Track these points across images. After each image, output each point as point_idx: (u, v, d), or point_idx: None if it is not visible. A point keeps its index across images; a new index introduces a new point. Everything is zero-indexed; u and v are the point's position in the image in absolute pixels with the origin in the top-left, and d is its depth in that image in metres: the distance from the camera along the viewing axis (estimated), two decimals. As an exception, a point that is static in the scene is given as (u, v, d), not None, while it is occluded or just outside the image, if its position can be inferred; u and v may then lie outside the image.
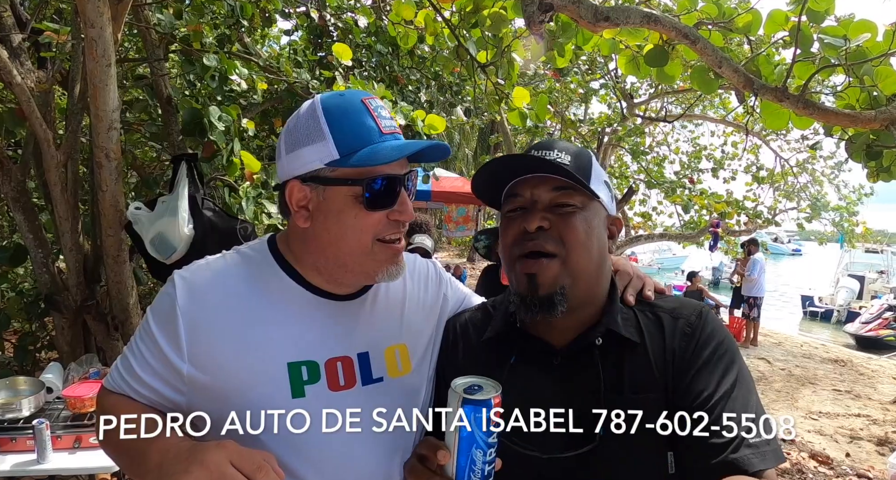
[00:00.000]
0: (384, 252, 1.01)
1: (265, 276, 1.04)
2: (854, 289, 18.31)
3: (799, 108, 1.83)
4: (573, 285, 0.97)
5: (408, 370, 1.10)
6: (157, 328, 0.98)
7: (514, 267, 1.01)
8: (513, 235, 1.01)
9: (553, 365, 1.00)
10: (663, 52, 1.92)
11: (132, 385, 1.00)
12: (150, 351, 0.99)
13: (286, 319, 1.01)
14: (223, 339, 0.97)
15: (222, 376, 0.97)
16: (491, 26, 2.10)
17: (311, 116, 0.98)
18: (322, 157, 0.96)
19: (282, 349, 0.99)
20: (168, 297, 0.99)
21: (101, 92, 2.80)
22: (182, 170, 3.10)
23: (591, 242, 0.99)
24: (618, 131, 9.54)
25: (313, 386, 0.99)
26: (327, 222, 0.99)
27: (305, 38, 5.04)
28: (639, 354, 0.97)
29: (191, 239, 3.01)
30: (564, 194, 0.99)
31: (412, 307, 1.16)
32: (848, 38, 1.74)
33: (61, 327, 3.80)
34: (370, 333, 1.08)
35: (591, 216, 1.00)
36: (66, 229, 3.51)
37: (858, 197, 11.74)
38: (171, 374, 0.97)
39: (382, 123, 0.98)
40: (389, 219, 1.00)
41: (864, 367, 9.33)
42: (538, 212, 0.98)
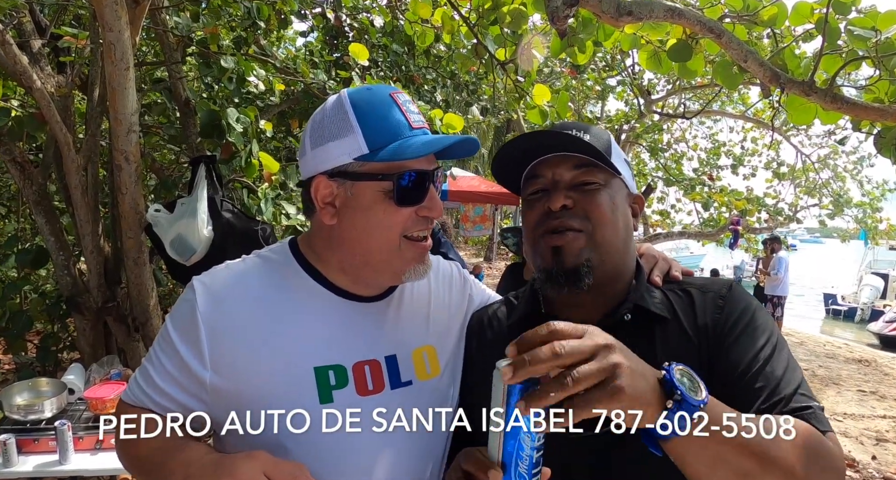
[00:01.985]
0: (412, 250, 0.99)
1: (287, 278, 1.02)
2: (878, 287, 17.97)
3: (827, 102, 1.78)
4: (600, 260, 0.95)
5: (437, 373, 1.07)
6: (178, 336, 0.96)
7: (538, 244, 0.99)
8: (536, 216, 0.99)
9: None
10: (687, 47, 1.88)
11: (153, 397, 0.97)
12: (171, 360, 0.96)
13: (311, 322, 0.99)
14: (246, 345, 0.95)
15: (246, 383, 0.94)
16: (511, 23, 2.07)
17: (339, 110, 0.96)
18: (351, 151, 0.94)
19: (308, 353, 0.97)
20: (188, 303, 0.97)
21: (120, 95, 2.83)
22: (201, 172, 3.12)
23: (616, 217, 0.97)
24: (635, 128, 9.45)
25: (341, 391, 0.97)
26: (355, 219, 0.97)
27: (321, 38, 5.06)
28: (670, 330, 0.95)
29: (210, 241, 3.02)
30: (586, 172, 0.98)
31: (438, 307, 1.14)
32: (878, 30, 1.69)
33: (83, 328, 3.84)
34: (397, 335, 1.06)
35: (614, 193, 0.99)
36: (87, 231, 3.55)
37: (882, 193, 11.51)
38: (193, 383, 0.95)
39: (412, 118, 0.97)
40: (418, 215, 0.98)
41: (888, 367, 9.14)
42: (561, 191, 0.97)
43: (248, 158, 2.93)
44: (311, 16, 4.43)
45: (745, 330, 0.91)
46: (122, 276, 3.98)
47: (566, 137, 0.96)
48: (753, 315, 0.94)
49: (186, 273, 3.24)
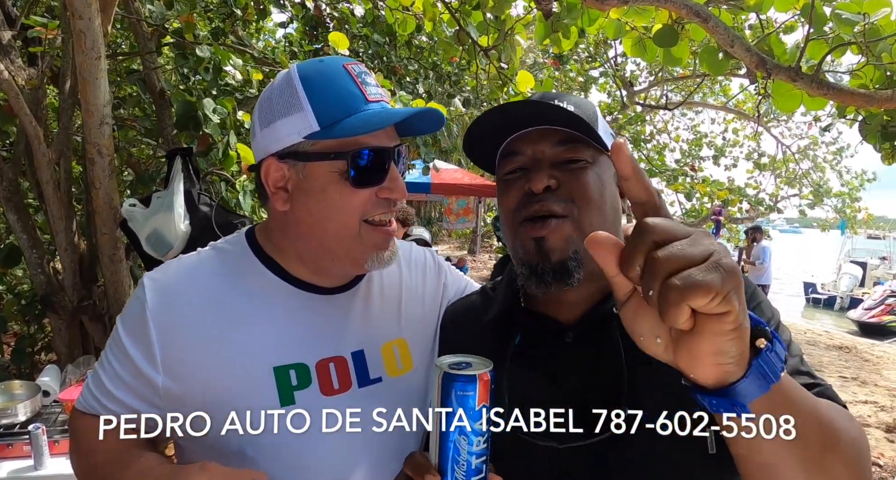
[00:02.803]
0: (373, 235, 0.91)
1: (243, 272, 0.95)
2: (857, 275, 18.29)
3: (813, 88, 1.76)
4: (587, 250, 0.85)
5: (409, 368, 1.01)
6: (127, 337, 0.89)
7: (517, 233, 0.88)
8: (515, 198, 0.87)
9: (565, 343, 0.88)
10: (673, 32, 1.85)
11: (105, 404, 0.90)
12: (122, 364, 0.89)
13: (270, 318, 0.92)
14: (200, 344, 0.88)
15: (201, 385, 0.87)
16: (494, 7, 2.03)
17: (288, 86, 0.89)
18: (301, 129, 0.87)
19: (266, 351, 0.90)
20: (137, 302, 0.90)
21: (91, 86, 2.73)
22: (177, 165, 3.04)
23: (604, 200, 0.86)
24: (618, 120, 9.46)
25: (304, 392, 0.90)
26: (309, 203, 0.89)
27: (301, 29, 4.97)
28: None
29: (187, 236, 2.95)
30: (571, 149, 0.86)
31: (410, 298, 1.07)
32: (867, 14, 1.67)
33: (59, 328, 3.75)
34: (365, 329, 0.99)
35: (602, 172, 0.87)
36: (61, 228, 3.45)
37: (861, 183, 11.68)
38: (145, 387, 0.88)
39: (367, 90, 0.89)
40: (379, 197, 0.90)
41: (868, 353, 9.30)
42: (543, 170, 0.85)
43: (226, 150, 2.85)
44: (290, 5, 4.34)
45: None
46: (97, 274, 3.89)
47: (548, 107, 0.84)
48: (759, 304, 0.89)
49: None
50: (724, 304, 0.51)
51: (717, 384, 0.58)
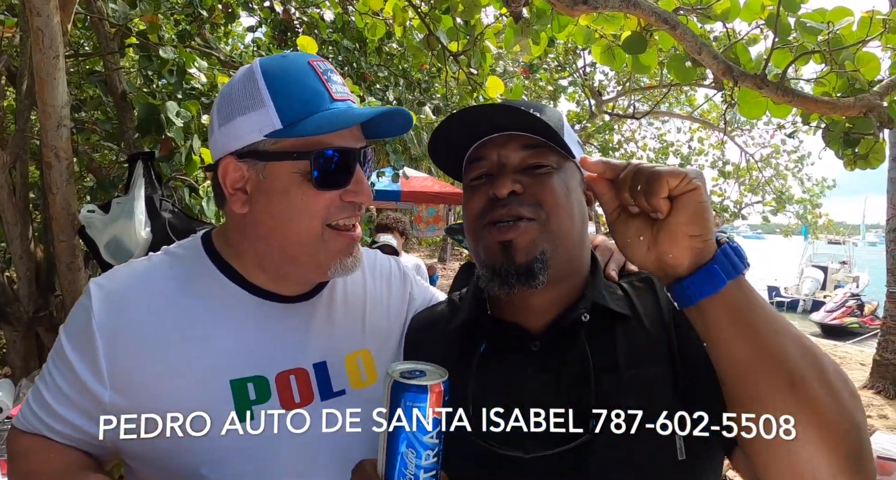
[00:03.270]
0: (337, 240, 0.87)
1: (198, 278, 0.90)
2: (818, 279, 18.84)
3: (778, 95, 1.79)
4: (554, 252, 0.84)
5: (373, 380, 0.97)
6: (72, 349, 0.84)
7: (480, 236, 0.87)
8: (479, 203, 0.87)
9: (531, 352, 0.86)
10: (642, 39, 1.86)
11: (46, 422, 0.84)
12: (65, 378, 0.84)
13: (226, 328, 0.88)
14: (151, 356, 0.83)
15: (152, 401, 0.81)
16: (463, 12, 2.01)
17: (249, 80, 0.85)
18: (262, 127, 0.83)
19: (222, 364, 0.86)
20: (82, 310, 0.85)
21: (49, 86, 2.63)
22: (138, 170, 2.94)
23: (571, 204, 0.86)
24: (587, 128, 9.59)
25: (263, 406, 0.86)
26: (270, 205, 0.85)
27: (269, 33, 4.90)
28: (632, 327, 0.86)
29: (149, 243, 2.85)
30: (537, 153, 0.86)
31: (375, 307, 1.03)
32: (831, 23, 1.70)
33: (13, 340, 3.59)
34: (327, 339, 0.95)
35: (568, 178, 0.88)
36: (16, 235, 3.32)
37: (821, 190, 12.07)
38: (91, 403, 0.82)
39: (333, 88, 0.86)
40: (343, 200, 0.87)
41: (831, 354, 9.47)
42: (508, 175, 0.84)
43: (189, 155, 2.78)
44: (259, 9, 4.28)
45: None
46: (55, 283, 3.74)
47: (514, 112, 0.84)
48: None
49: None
50: (693, 183, 0.67)
51: (692, 267, 0.69)
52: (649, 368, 0.81)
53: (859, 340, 12.07)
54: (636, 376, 0.81)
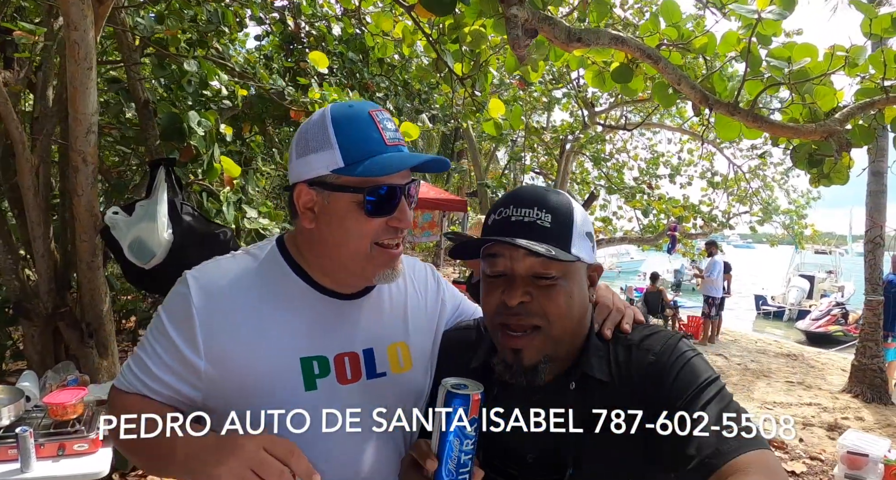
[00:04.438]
0: (382, 256, 1.06)
1: (275, 276, 1.09)
2: (804, 288, 19.12)
3: (749, 121, 2.01)
4: (555, 349, 1.00)
5: (409, 367, 1.16)
6: (173, 327, 1.02)
7: (497, 336, 1.02)
8: (495, 303, 1.01)
9: (532, 400, 1.00)
10: (628, 70, 2.09)
11: (148, 384, 1.03)
12: (166, 350, 1.02)
13: (297, 316, 1.07)
14: (238, 337, 1.02)
15: (238, 371, 1.01)
16: (471, 42, 2.23)
17: (321, 125, 1.03)
18: (328, 164, 1.01)
19: (294, 344, 1.05)
20: (182, 297, 1.03)
21: (81, 95, 2.81)
22: (160, 175, 3.13)
23: (572, 309, 1.00)
24: (579, 139, 9.82)
25: (324, 380, 1.06)
26: (331, 226, 1.04)
27: (275, 42, 5.10)
28: (611, 391, 1.00)
29: (170, 244, 3.03)
30: (544, 263, 0.97)
31: (413, 308, 1.22)
32: (792, 60, 1.93)
33: (31, 335, 3.73)
34: (374, 330, 1.14)
35: (570, 284, 1.00)
36: (39, 234, 3.47)
37: (807, 201, 12.35)
38: (188, 371, 1.01)
39: (387, 135, 1.03)
40: (388, 225, 1.05)
41: (814, 360, 9.82)
42: (519, 286, 0.97)
43: (210, 162, 2.97)
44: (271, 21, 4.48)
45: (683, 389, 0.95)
46: (70, 280, 3.90)
47: (529, 228, 0.97)
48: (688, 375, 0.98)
49: (144, 277, 3.24)
50: None
51: None
52: (621, 426, 0.94)
53: (843, 347, 12.31)
54: (607, 434, 0.94)
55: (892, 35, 2.16)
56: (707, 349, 10.20)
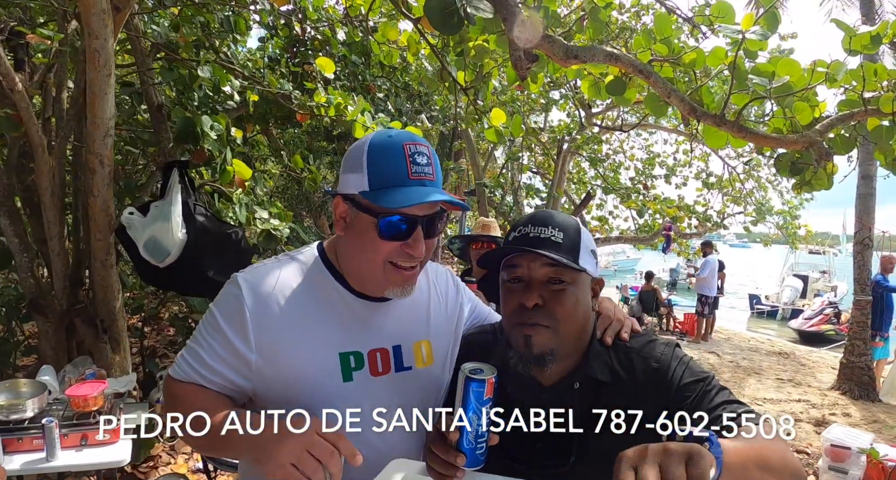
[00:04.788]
0: (394, 274, 1.17)
1: (316, 279, 1.22)
2: (798, 288, 19.28)
3: (734, 132, 2.15)
4: (560, 347, 1.15)
5: (430, 362, 1.30)
6: (226, 324, 1.14)
7: (514, 331, 1.18)
8: (513, 306, 1.17)
9: (541, 399, 1.17)
10: (622, 83, 2.23)
11: (203, 374, 1.15)
12: (220, 344, 1.14)
13: (336, 316, 1.20)
14: (284, 333, 1.14)
15: (285, 363, 1.14)
16: (474, 56, 2.36)
17: (360, 149, 1.16)
18: (358, 186, 1.13)
19: (333, 341, 1.18)
20: (235, 297, 1.15)
21: (101, 100, 2.94)
22: (174, 177, 3.26)
23: (577, 312, 1.16)
24: (576, 139, 9.96)
25: (359, 372, 1.20)
26: (354, 238, 1.17)
27: (279, 44, 5.23)
28: (613, 391, 1.15)
29: (184, 243, 3.16)
30: (557, 271, 1.14)
31: (435, 310, 1.36)
32: (776, 75, 2.07)
33: (46, 331, 3.84)
34: (401, 329, 1.28)
35: (577, 290, 1.16)
36: (54, 233, 3.59)
37: (800, 202, 12.50)
38: (241, 363, 1.14)
39: (413, 169, 1.12)
40: (402, 249, 1.15)
41: (805, 359, 10.00)
42: (534, 290, 1.13)
43: (223, 165, 3.10)
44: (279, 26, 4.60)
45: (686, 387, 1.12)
46: (83, 278, 4.02)
47: (544, 242, 1.14)
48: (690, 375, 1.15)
49: (158, 275, 3.37)
50: None
51: None
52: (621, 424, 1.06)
53: (834, 346, 12.47)
54: (606, 429, 1.06)
55: (871, 51, 2.30)
56: (700, 346, 10.38)
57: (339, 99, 3.74)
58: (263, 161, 6.75)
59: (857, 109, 2.38)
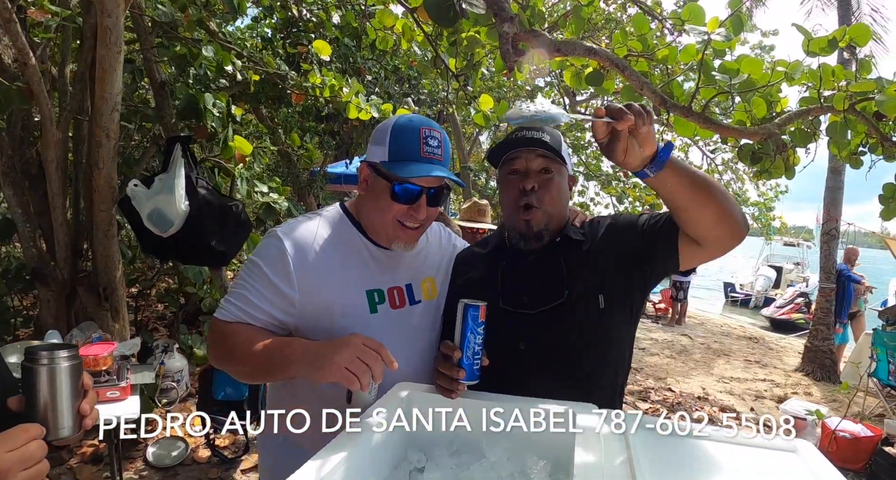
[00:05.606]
0: (399, 231, 1.42)
1: (343, 231, 1.46)
2: (771, 277, 19.79)
3: (701, 123, 2.38)
4: (549, 223, 1.46)
5: (436, 296, 1.56)
6: (270, 270, 1.35)
7: (513, 216, 1.47)
8: (514, 191, 1.46)
9: (529, 261, 1.48)
10: (600, 75, 2.44)
11: (250, 313, 1.34)
12: (264, 285, 1.35)
13: (360, 260, 1.44)
14: (320, 275, 1.37)
15: (323, 299, 1.37)
16: (466, 46, 2.56)
17: (386, 127, 1.41)
18: (379, 156, 1.38)
19: (361, 281, 1.42)
20: (276, 247, 1.37)
21: (110, 76, 3.08)
22: (177, 151, 3.41)
23: (561, 196, 1.47)
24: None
25: (382, 305, 1.44)
26: (372, 197, 1.42)
27: (273, 25, 5.34)
28: (583, 247, 1.48)
29: (186, 215, 3.33)
30: (548, 162, 1.44)
31: (436, 253, 1.63)
32: (740, 72, 2.30)
33: (47, 300, 3.99)
34: (412, 270, 1.53)
35: (560, 179, 1.47)
36: (58, 204, 3.74)
37: (776, 194, 12.86)
38: (285, 302, 1.35)
39: (425, 149, 1.37)
40: (408, 212, 1.40)
41: (774, 344, 10.43)
42: (531, 177, 1.43)
43: (225, 141, 3.26)
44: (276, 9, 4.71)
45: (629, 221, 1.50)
46: (83, 249, 4.16)
47: (537, 140, 1.43)
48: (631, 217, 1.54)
49: (160, 246, 3.54)
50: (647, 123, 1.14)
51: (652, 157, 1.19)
52: (595, 263, 1.45)
53: (803, 333, 12.95)
54: (588, 267, 1.45)
55: (828, 53, 2.53)
56: (675, 329, 10.76)
57: (334, 81, 3.91)
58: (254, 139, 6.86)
59: (814, 105, 2.62)
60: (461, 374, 1.24)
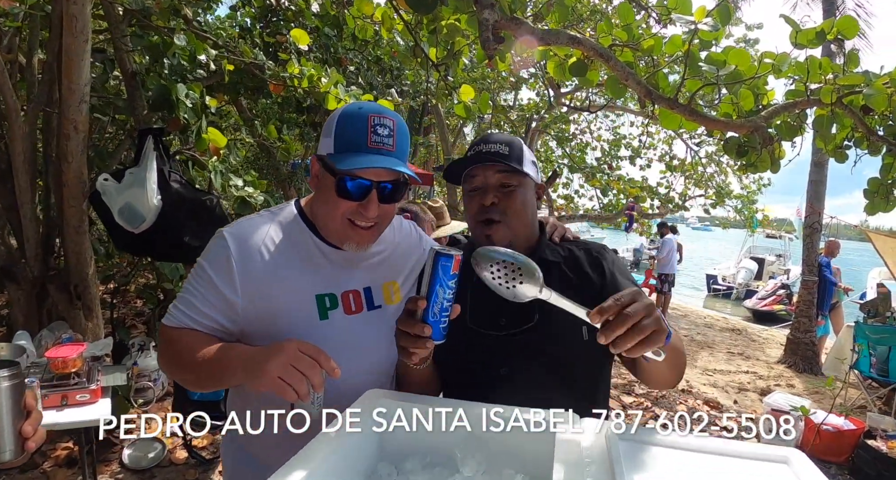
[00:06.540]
0: (349, 231, 1.28)
1: (294, 231, 1.34)
2: (753, 270, 20.00)
3: (686, 115, 2.33)
4: (515, 239, 1.38)
5: (399, 300, 1.44)
6: (214, 273, 1.26)
7: (476, 229, 1.41)
8: (475, 207, 1.40)
9: None
10: (584, 65, 2.37)
11: (195, 318, 1.26)
12: (208, 290, 1.26)
13: (311, 262, 1.33)
14: (267, 279, 1.26)
15: (268, 306, 1.26)
16: (446, 35, 2.47)
17: (334, 116, 1.29)
18: (327, 148, 1.26)
19: (311, 285, 1.31)
20: (222, 248, 1.27)
21: (77, 66, 2.95)
22: (148, 144, 3.29)
23: (525, 209, 1.39)
24: (545, 119, 10.12)
25: (334, 311, 1.33)
26: (320, 194, 1.30)
27: (252, 14, 5.20)
28: (559, 271, 1.40)
29: (159, 209, 3.22)
30: (506, 176, 1.37)
31: (401, 255, 1.51)
32: (727, 63, 2.24)
33: (17, 299, 3.86)
34: (371, 272, 1.41)
35: (524, 190, 1.39)
36: (27, 199, 3.60)
37: (758, 187, 12.96)
38: (228, 307, 1.26)
39: (372, 138, 1.22)
40: (358, 209, 1.26)
41: (756, 335, 10.52)
42: (490, 193, 1.36)
43: (199, 133, 3.15)
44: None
45: (613, 274, 1.42)
46: (54, 245, 4.03)
47: (496, 156, 1.37)
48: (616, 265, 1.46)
49: (133, 242, 3.42)
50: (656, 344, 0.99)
51: None
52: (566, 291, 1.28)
53: (784, 325, 13.09)
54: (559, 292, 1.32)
55: (815, 46, 2.49)
56: (658, 322, 10.79)
57: (312, 71, 3.80)
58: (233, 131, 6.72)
59: (801, 98, 2.58)
60: (427, 330, 1.10)
